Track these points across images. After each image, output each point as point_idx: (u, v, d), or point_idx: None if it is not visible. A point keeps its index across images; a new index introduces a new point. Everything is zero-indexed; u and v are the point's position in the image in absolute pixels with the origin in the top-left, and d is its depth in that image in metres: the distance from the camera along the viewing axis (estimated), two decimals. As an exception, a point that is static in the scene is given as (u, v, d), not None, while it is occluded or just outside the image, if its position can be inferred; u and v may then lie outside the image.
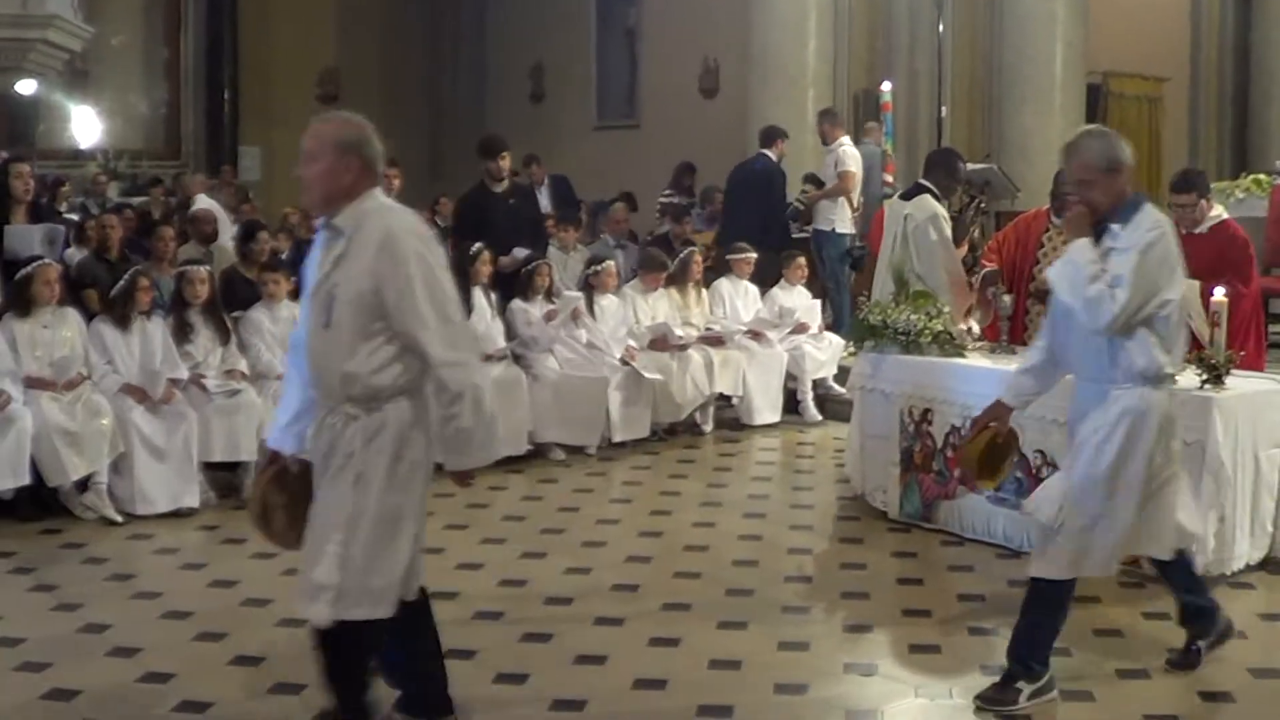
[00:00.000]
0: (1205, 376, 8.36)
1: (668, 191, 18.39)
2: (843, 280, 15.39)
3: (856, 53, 19.76)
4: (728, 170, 17.08)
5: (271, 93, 25.54)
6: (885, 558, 9.13)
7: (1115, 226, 6.48)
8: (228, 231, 14.64)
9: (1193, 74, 21.32)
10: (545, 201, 17.61)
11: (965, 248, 12.68)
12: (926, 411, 9.61)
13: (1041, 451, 8.90)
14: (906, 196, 11.08)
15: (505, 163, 13.04)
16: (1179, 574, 7.15)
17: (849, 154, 15.68)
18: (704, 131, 20.71)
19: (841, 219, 15.52)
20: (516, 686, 6.83)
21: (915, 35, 19.51)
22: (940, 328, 9.77)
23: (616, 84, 24.19)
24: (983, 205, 15.15)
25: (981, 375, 9.35)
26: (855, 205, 15.62)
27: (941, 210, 10.63)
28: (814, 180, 16.19)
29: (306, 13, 25.85)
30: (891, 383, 9.83)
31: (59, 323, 10.44)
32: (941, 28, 17.70)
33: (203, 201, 16.74)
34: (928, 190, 10.76)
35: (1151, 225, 6.45)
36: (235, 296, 11.67)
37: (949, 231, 10.60)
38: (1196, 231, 10.20)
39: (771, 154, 15.80)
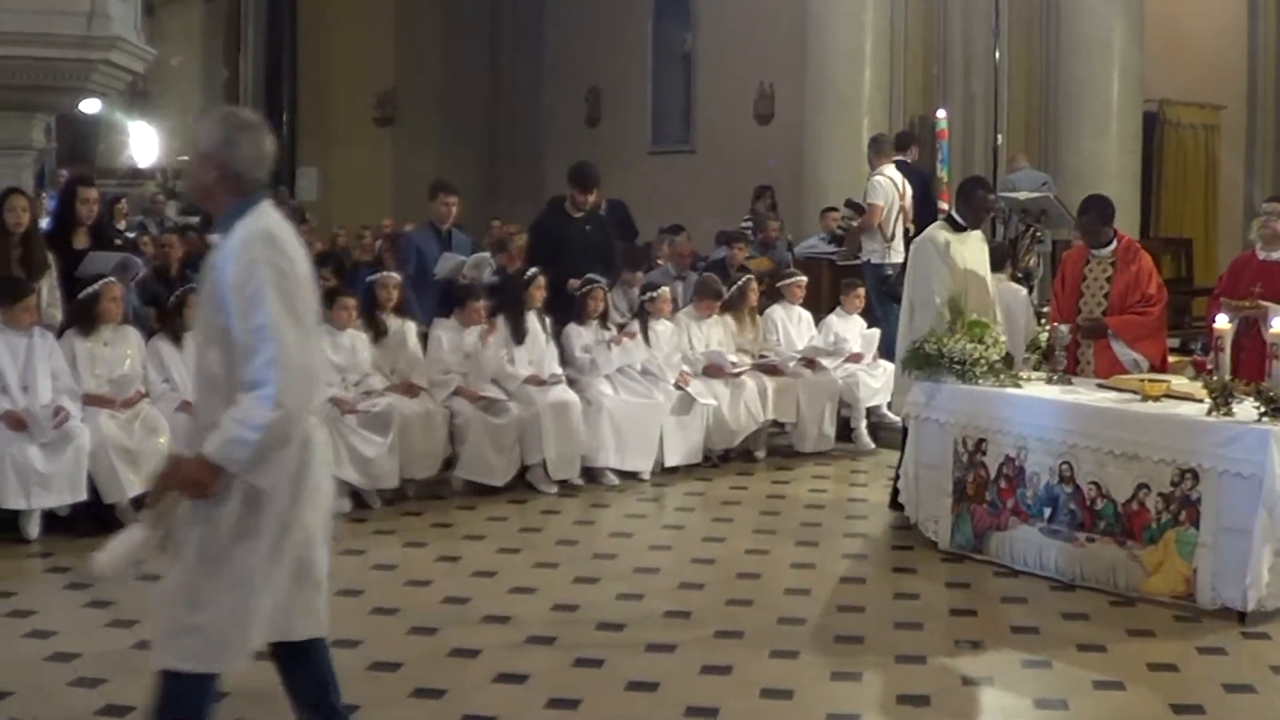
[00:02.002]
0: (1264, 409, 8.31)
1: (747, 218, 18.32)
2: (888, 310, 15.30)
3: (912, 78, 19.74)
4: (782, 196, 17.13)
5: (329, 114, 25.70)
6: (938, 588, 9.10)
7: (216, 237, 5.23)
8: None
9: (1250, 102, 21.18)
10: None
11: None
12: (980, 441, 9.56)
13: (1096, 483, 8.86)
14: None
15: (593, 198, 13.07)
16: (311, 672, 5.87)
17: (874, 185, 15.47)
18: (759, 157, 20.72)
19: (874, 250, 15.46)
20: (568, 712, 6.82)
21: (971, 61, 19.49)
22: (995, 357, 9.76)
23: (672, 109, 24.23)
24: (1039, 234, 15.12)
25: (1036, 405, 9.33)
26: (888, 236, 15.49)
27: (939, 236, 10.52)
28: (854, 206, 16.15)
29: (365, 35, 26.00)
30: (946, 412, 9.79)
31: (119, 341, 10.54)
32: (998, 54, 17.68)
33: None
34: (947, 217, 10.74)
35: (260, 238, 5.03)
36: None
37: (927, 258, 10.45)
38: (1275, 257, 10.24)
39: (907, 158, 15.93)
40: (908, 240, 14.72)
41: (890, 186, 15.46)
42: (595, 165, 13.54)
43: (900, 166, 15.55)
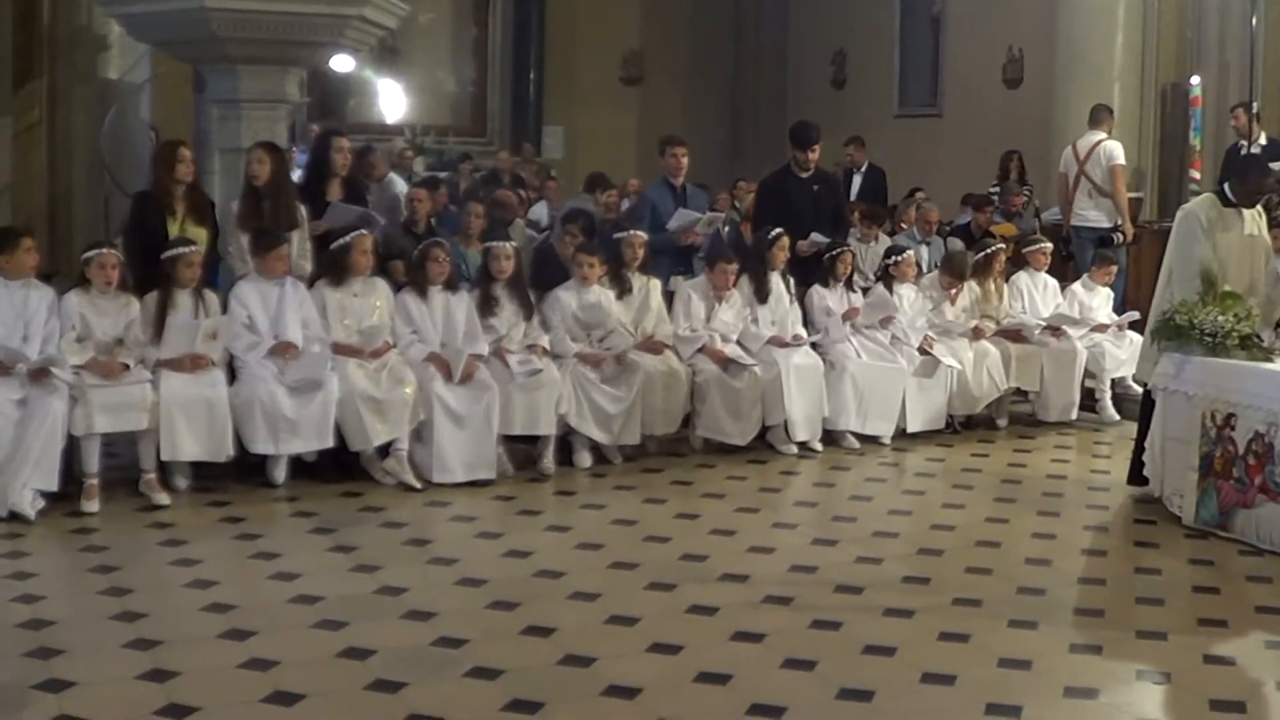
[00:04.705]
0: None
1: (994, 184, 18.17)
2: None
3: (1165, 45, 19.26)
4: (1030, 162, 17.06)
5: (576, 73, 25.79)
6: (1181, 564, 8.94)
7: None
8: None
9: None
10: (856, 188, 17.55)
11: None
12: (1230, 416, 9.36)
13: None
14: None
15: (814, 156, 12.98)
16: None
17: None
18: (1007, 122, 20.43)
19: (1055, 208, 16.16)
20: (804, 673, 6.83)
21: (1226, 28, 18.94)
22: (1248, 330, 9.55)
23: (919, 71, 23.96)
24: (1289, 205, 14.75)
25: (1290, 381, 9.14)
26: (1068, 198, 15.86)
27: (1196, 209, 10.32)
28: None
29: (613, -6, 26.08)
30: (1194, 385, 9.59)
31: (369, 292, 10.73)
32: (1254, 20, 17.23)
33: None
34: (1217, 191, 10.52)
35: None
36: (548, 275, 11.84)
37: (1190, 231, 10.23)
38: None
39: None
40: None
41: (1069, 154, 15.79)
42: (814, 123, 13.43)
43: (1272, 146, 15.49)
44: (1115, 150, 15.59)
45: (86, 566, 8.31)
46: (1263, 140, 16.39)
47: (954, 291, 13.09)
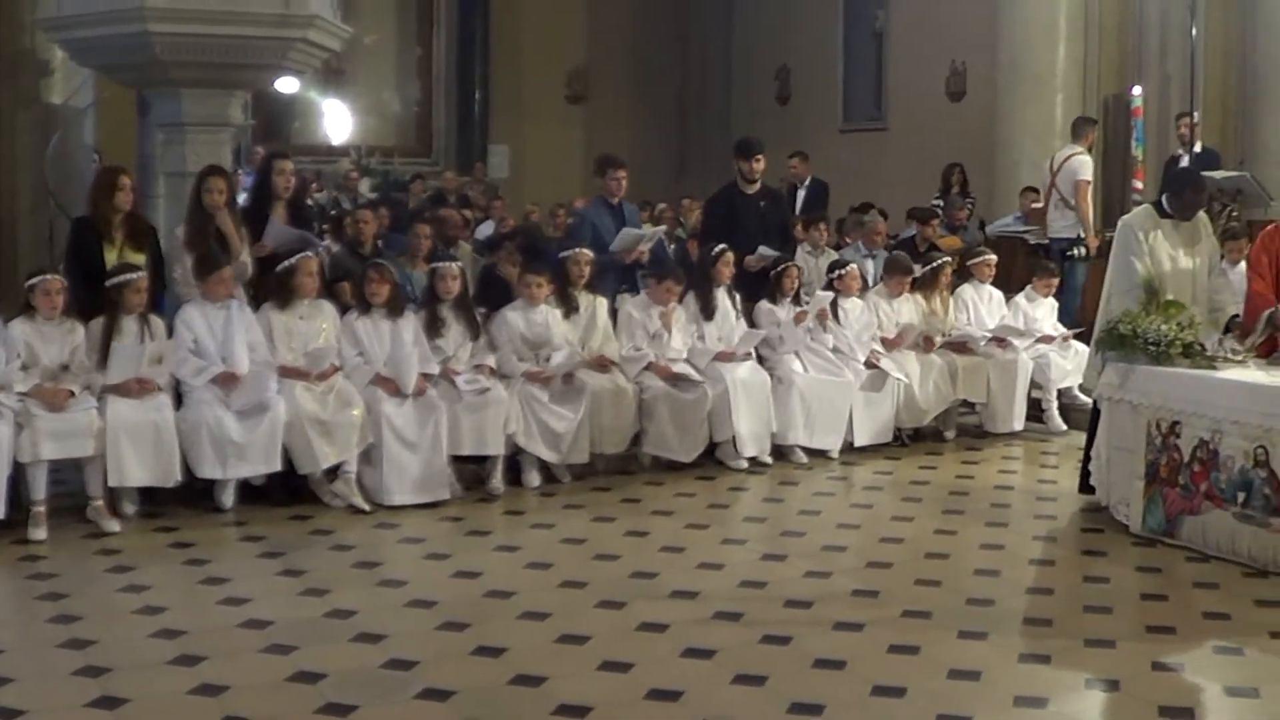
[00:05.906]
0: None
1: (937, 195, 18.28)
2: (1069, 284, 15.27)
3: (1106, 56, 19.40)
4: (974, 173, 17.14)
5: (521, 92, 25.87)
6: (1129, 572, 8.99)
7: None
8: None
9: None
10: (800, 202, 17.60)
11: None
12: (1174, 424, 9.42)
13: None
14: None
15: (759, 165, 13.05)
16: None
17: None
18: (951, 134, 20.57)
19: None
20: (755, 688, 6.83)
21: (1166, 39, 19.09)
22: (1190, 339, 9.61)
23: (863, 86, 24.10)
24: (1235, 214, 14.85)
25: (1232, 388, 9.16)
26: (1042, 212, 16.19)
27: (1133, 221, 10.44)
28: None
29: (557, 12, 26.14)
30: (1139, 394, 9.65)
31: (315, 314, 10.72)
32: (1194, 31, 17.36)
33: None
34: (1155, 202, 10.63)
35: None
36: (493, 295, 11.84)
37: (1126, 244, 10.34)
38: None
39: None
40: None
41: (1047, 165, 16.12)
42: (756, 137, 13.71)
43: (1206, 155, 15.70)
44: (1080, 165, 15.68)
45: (34, 594, 8.27)
46: (1197, 148, 16.54)
47: (902, 292, 13.18)
